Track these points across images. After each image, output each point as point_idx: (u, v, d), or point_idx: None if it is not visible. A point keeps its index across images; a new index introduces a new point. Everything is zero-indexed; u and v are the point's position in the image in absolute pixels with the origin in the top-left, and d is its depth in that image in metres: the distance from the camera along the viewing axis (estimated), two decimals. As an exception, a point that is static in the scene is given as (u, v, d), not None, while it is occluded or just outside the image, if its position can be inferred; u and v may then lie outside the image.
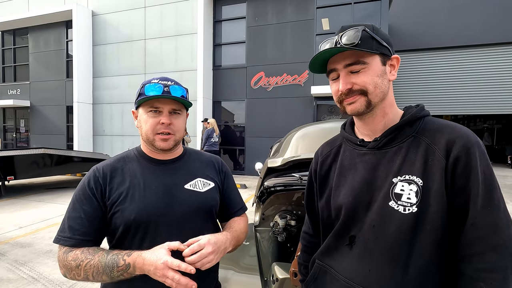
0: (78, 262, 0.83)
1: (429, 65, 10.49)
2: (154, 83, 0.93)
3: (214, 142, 7.37)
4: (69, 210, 0.91)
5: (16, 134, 13.19)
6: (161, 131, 0.94)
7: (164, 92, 0.92)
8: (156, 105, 0.94)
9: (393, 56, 0.77)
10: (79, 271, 0.83)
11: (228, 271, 1.52)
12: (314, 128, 1.94)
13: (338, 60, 0.75)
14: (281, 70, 8.95)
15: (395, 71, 0.78)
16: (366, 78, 0.73)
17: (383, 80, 0.75)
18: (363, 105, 0.75)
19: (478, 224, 0.64)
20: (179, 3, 9.85)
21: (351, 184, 0.79)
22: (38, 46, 12.19)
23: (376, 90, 0.74)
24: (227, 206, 1.12)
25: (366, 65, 0.73)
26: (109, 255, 0.84)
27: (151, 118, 0.94)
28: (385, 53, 0.75)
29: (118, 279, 0.83)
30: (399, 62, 0.78)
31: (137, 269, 0.82)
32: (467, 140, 0.67)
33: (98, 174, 0.94)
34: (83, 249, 0.87)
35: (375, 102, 0.75)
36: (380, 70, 0.74)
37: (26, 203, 5.95)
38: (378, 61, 0.74)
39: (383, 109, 0.78)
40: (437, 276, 0.68)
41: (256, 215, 2.21)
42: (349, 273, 0.76)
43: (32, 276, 2.91)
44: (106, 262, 0.82)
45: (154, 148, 0.98)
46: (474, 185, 0.65)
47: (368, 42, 0.72)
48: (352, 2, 8.38)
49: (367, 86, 0.73)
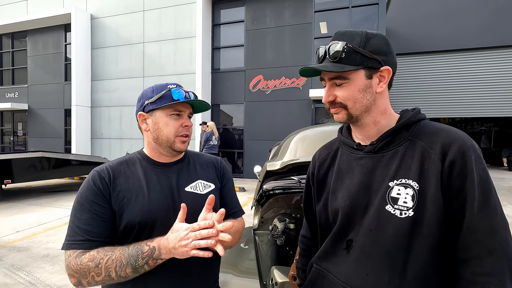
0: (97, 261, 0.81)
1: (426, 68, 10.56)
2: (175, 88, 0.97)
3: (213, 145, 7.36)
4: (76, 213, 0.88)
5: (13, 137, 13.13)
6: (182, 133, 0.98)
7: (186, 98, 0.96)
8: (180, 108, 0.97)
9: (383, 67, 0.74)
10: (99, 270, 0.80)
11: (228, 275, 1.51)
12: (313, 131, 1.94)
13: (324, 72, 0.78)
14: (280, 73, 8.98)
15: (385, 83, 0.76)
16: (346, 94, 0.75)
17: (366, 94, 0.75)
18: (345, 117, 0.78)
19: (474, 228, 0.64)
20: (178, 6, 9.89)
21: (348, 188, 0.79)
22: (37, 49, 12.17)
23: (355, 105, 0.76)
24: (223, 207, 1.10)
25: (347, 80, 0.74)
26: (131, 246, 0.83)
27: (174, 121, 0.96)
28: (372, 66, 0.73)
29: (141, 271, 0.82)
30: (389, 73, 0.75)
31: (163, 250, 0.80)
32: (463, 144, 0.68)
33: (103, 174, 0.93)
34: (98, 249, 0.84)
35: (356, 115, 0.77)
36: (363, 85, 0.74)
37: (24, 207, 5.91)
38: (362, 75, 0.74)
39: (372, 118, 0.78)
40: (435, 280, 0.68)
41: (255, 219, 2.21)
42: (346, 277, 0.76)
43: (29, 281, 2.89)
44: (129, 252, 0.81)
45: (170, 150, 0.99)
46: (470, 189, 0.65)
47: (351, 57, 0.72)
48: (350, 6, 8.45)
49: (346, 102, 0.76)
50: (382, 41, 0.75)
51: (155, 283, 0.90)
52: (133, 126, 10.55)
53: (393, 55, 0.77)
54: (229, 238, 0.78)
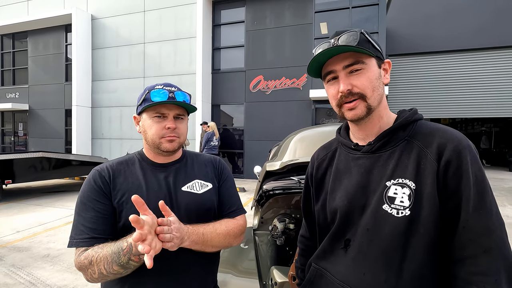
0: (90, 258, 0.82)
1: (426, 69, 10.56)
2: (159, 89, 0.95)
3: (214, 145, 7.35)
4: (79, 212, 0.90)
5: (14, 138, 13.15)
6: (167, 136, 0.96)
7: (170, 98, 0.94)
8: (162, 110, 0.96)
9: (385, 60, 0.79)
10: (93, 267, 0.81)
11: (227, 275, 1.51)
12: (313, 132, 1.95)
13: (336, 62, 0.75)
14: (280, 74, 8.99)
15: (388, 75, 0.80)
16: (365, 81, 0.73)
17: (380, 83, 0.76)
18: (363, 111, 0.75)
19: (470, 227, 0.64)
20: (178, 7, 9.90)
21: (346, 188, 0.80)
22: (37, 50, 12.20)
23: (374, 94, 0.74)
24: (220, 206, 1.09)
25: (365, 65, 0.73)
26: (116, 243, 0.83)
27: (156, 123, 0.96)
28: (380, 57, 0.78)
29: (129, 267, 0.80)
30: (390, 66, 0.80)
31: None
32: (458, 144, 0.68)
33: (103, 173, 0.95)
34: (94, 247, 0.85)
35: (374, 106, 0.75)
36: (377, 73, 0.76)
37: (24, 207, 5.92)
38: (374, 63, 0.76)
39: (379, 113, 0.79)
40: (431, 279, 0.69)
41: (254, 219, 2.21)
42: (344, 276, 0.77)
43: (30, 280, 2.89)
44: (112, 249, 0.81)
45: (159, 151, 0.99)
46: (465, 188, 0.65)
47: (365, 44, 0.74)
48: (350, 7, 8.46)
49: (366, 90, 0.73)
50: (376, 40, 0.79)
51: (153, 282, 0.91)
52: (133, 126, 10.55)
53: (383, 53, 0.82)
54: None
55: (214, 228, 0.98)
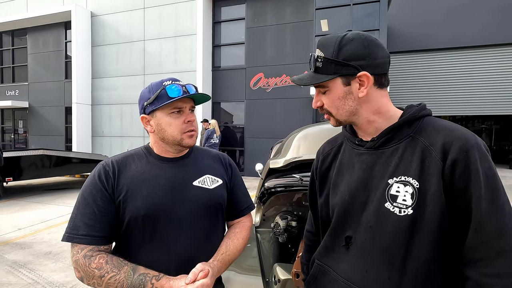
0: (103, 273, 0.82)
1: (428, 66, 10.53)
2: (170, 84, 0.93)
3: (214, 143, 7.35)
4: (79, 206, 0.89)
5: (14, 135, 13.15)
6: (187, 130, 0.96)
7: (184, 92, 0.93)
8: (179, 105, 0.94)
9: (360, 73, 0.72)
10: (101, 282, 0.82)
11: (230, 272, 1.52)
12: (316, 129, 1.94)
13: None
14: (281, 71, 8.96)
15: (366, 88, 0.73)
16: (328, 101, 0.79)
17: (347, 100, 0.76)
18: (334, 123, 0.82)
19: (482, 229, 0.62)
20: (178, 4, 9.85)
21: (348, 183, 0.80)
22: (37, 47, 12.16)
23: (339, 112, 0.78)
24: (233, 205, 1.11)
25: (327, 89, 0.77)
26: (136, 274, 0.83)
27: (175, 119, 0.94)
28: (347, 73, 0.73)
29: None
30: (368, 78, 0.73)
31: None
32: (466, 142, 0.66)
33: (108, 168, 0.93)
34: (106, 258, 0.85)
35: (343, 120, 0.80)
36: (342, 92, 0.76)
37: (25, 205, 5.93)
38: (339, 83, 0.75)
39: (365, 119, 0.78)
40: (436, 277, 0.68)
41: (256, 216, 2.21)
42: (347, 273, 0.76)
43: (32, 278, 2.90)
44: (132, 282, 0.81)
45: (179, 148, 0.98)
46: (475, 188, 0.63)
47: (326, 67, 0.75)
48: (351, 4, 8.41)
49: (330, 109, 0.79)
50: (359, 46, 0.73)
51: None
52: (133, 124, 10.56)
53: (376, 55, 0.73)
54: None
55: (235, 247, 1.02)
